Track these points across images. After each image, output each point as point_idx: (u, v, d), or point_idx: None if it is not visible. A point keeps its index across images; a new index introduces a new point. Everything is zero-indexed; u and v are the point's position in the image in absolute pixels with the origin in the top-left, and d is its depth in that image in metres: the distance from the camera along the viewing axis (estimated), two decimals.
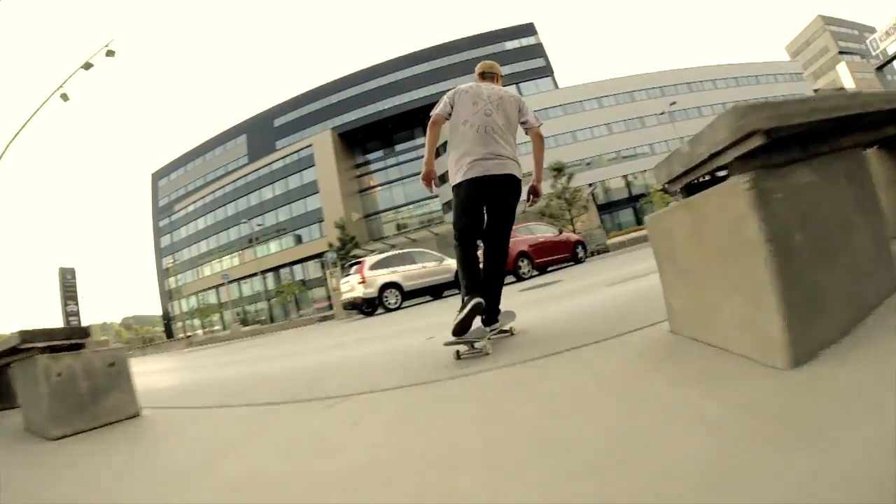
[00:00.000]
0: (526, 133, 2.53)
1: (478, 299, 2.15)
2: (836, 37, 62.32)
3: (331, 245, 30.13)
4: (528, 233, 10.86)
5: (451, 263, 11.06)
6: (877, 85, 64.54)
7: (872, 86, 63.91)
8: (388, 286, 10.40)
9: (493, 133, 2.32)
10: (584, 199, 23.93)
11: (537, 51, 40.77)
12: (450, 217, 3.86)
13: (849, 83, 60.87)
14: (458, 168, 2.33)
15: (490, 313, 2.35)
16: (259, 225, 42.77)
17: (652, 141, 40.75)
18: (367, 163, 45.31)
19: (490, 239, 2.40)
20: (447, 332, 2.25)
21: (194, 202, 51.58)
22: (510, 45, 40.62)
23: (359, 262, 10.99)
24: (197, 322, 45.54)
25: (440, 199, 39.63)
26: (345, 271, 12.38)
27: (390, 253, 11.53)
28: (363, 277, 10.34)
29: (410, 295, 10.71)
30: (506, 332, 2.44)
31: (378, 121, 42.24)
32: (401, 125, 42.77)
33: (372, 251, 25.15)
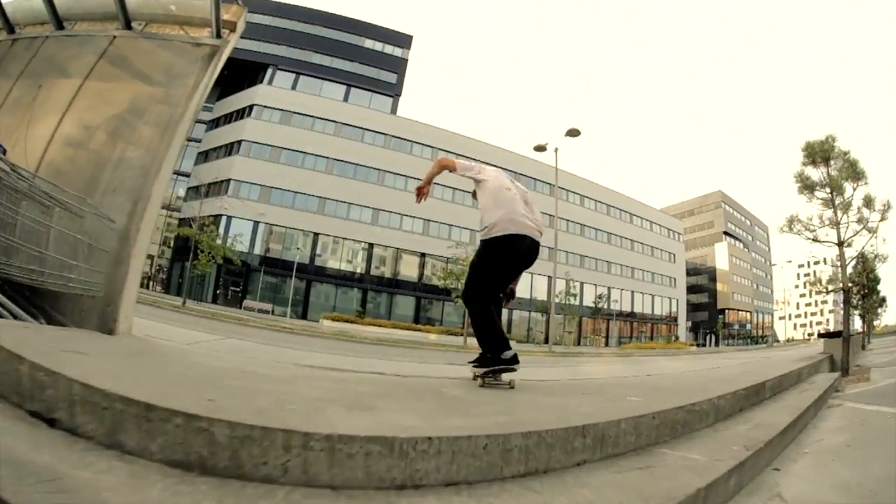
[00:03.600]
0: None
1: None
2: (727, 217, 63.00)
3: None
4: None
5: None
6: (748, 271, 65.67)
7: (743, 272, 65.01)
8: None
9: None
10: None
11: (397, 65, 34.94)
12: None
13: (723, 264, 61.18)
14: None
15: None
16: None
17: (467, 226, 35.47)
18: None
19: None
20: None
21: None
22: (371, 44, 34.51)
23: None
24: None
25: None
26: None
27: None
28: None
29: None
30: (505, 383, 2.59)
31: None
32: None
33: None
